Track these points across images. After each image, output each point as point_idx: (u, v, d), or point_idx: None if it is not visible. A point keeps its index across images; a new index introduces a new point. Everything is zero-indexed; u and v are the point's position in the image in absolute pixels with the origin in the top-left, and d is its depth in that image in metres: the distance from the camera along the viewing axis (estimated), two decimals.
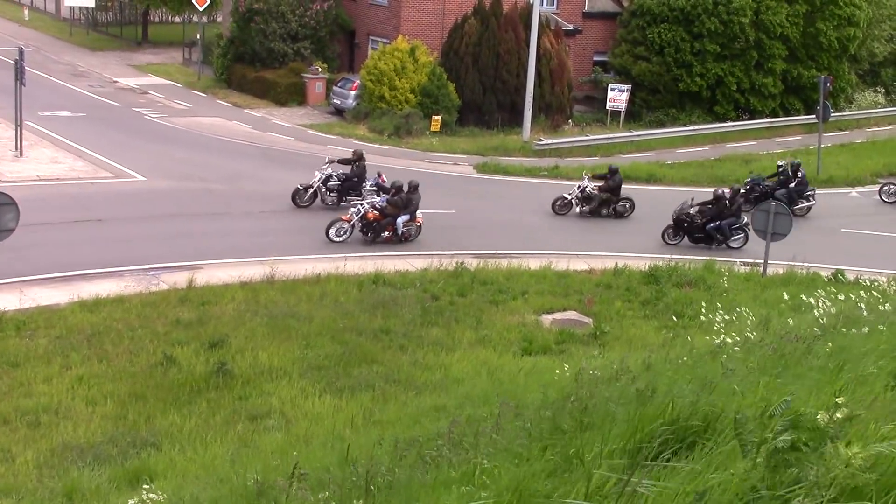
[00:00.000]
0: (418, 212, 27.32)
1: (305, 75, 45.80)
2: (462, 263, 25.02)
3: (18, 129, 32.96)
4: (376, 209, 27.04)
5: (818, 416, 3.71)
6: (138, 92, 47.08)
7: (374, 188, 29.42)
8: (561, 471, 5.07)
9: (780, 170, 33.35)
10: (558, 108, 43.97)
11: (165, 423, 15.74)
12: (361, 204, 27.33)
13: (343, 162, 29.92)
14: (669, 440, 5.05)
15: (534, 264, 25.98)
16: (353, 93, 43.56)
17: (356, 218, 26.80)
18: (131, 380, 17.41)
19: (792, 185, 32.47)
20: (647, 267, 25.67)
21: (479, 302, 22.82)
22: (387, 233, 26.96)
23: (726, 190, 29.54)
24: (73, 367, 17.88)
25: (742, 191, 30.46)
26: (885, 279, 23.53)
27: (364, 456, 8.22)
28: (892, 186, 36.00)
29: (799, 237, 25.89)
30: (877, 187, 37.02)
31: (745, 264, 26.79)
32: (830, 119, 41.51)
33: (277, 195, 30.46)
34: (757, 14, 45.56)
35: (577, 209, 30.98)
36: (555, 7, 48.09)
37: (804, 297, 17.00)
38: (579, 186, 31.21)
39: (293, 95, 45.59)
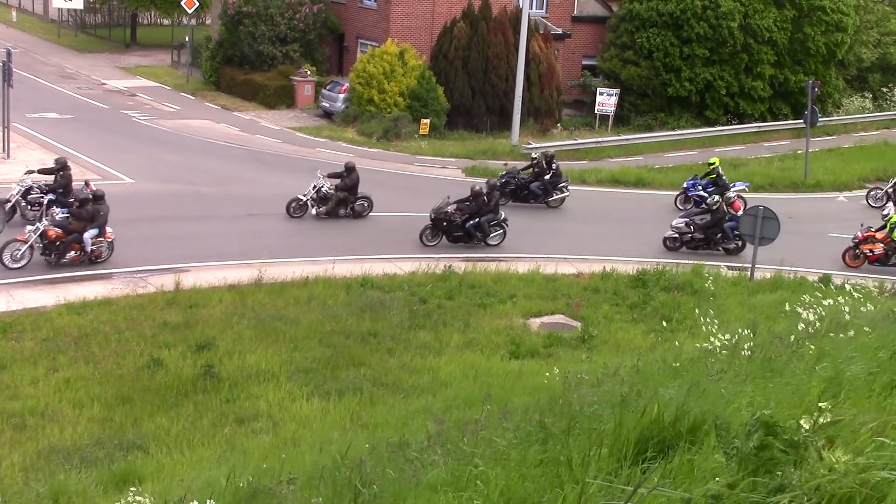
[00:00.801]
0: (108, 227, 23.91)
1: (294, 78, 45.79)
2: (450, 267, 25.03)
3: (6, 130, 32.86)
4: (57, 226, 23.23)
5: (802, 421, 3.73)
6: (126, 94, 46.99)
7: (56, 201, 25.73)
8: (549, 475, 5.08)
9: (534, 162, 33.36)
10: (547, 112, 44.04)
11: (152, 425, 15.71)
12: (42, 220, 23.61)
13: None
14: (656, 444, 5.07)
15: (522, 268, 26.01)
16: (341, 96, 43.56)
17: (35, 237, 22.92)
18: (118, 382, 17.36)
19: (547, 176, 32.37)
20: (634, 271, 25.72)
21: (467, 305, 22.83)
22: (73, 252, 23.31)
23: (483, 185, 28.63)
24: (60, 370, 17.82)
25: (498, 185, 30.33)
26: (871, 284, 23.62)
27: (353, 459, 8.22)
28: (879, 191, 36.12)
29: (785, 242, 25.94)
30: (864, 192, 37.16)
31: (732, 269, 26.87)
32: (818, 124, 41.70)
33: (265, 198, 30.43)
34: (745, 18, 45.71)
35: (314, 211, 28.91)
36: (544, 11, 48.17)
37: (791, 302, 17.02)
38: (314, 186, 29.05)
39: (282, 98, 45.57)
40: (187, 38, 51.33)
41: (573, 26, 49.12)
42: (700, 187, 32.83)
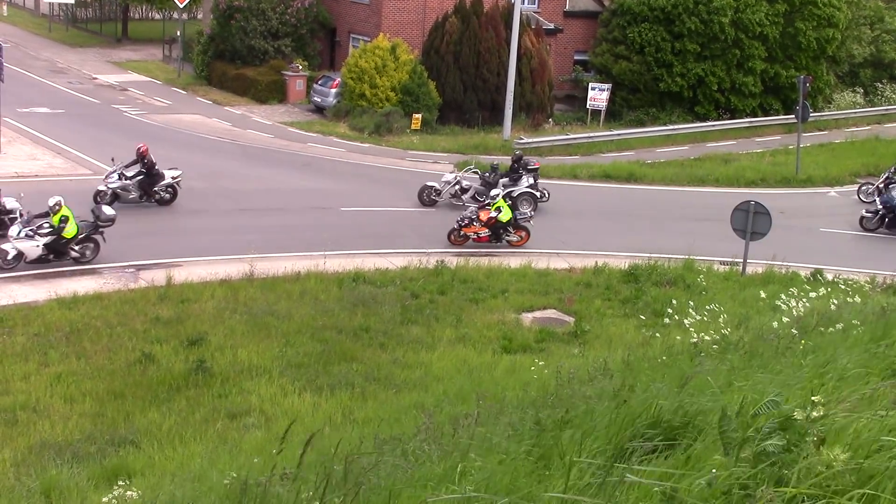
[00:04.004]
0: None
1: (286, 73, 45.71)
2: (442, 262, 25.04)
3: None
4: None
5: (795, 415, 3.73)
6: (118, 89, 46.86)
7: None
8: (542, 468, 5.08)
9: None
10: (539, 107, 44.03)
11: (144, 421, 15.69)
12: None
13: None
14: (649, 438, 5.07)
15: (514, 263, 26.02)
16: (333, 91, 43.49)
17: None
18: (110, 377, 17.34)
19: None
20: (626, 266, 25.75)
21: (459, 300, 22.84)
22: None
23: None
24: (52, 365, 17.79)
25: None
26: (862, 278, 23.68)
27: (345, 453, 8.21)
28: (870, 186, 36.20)
29: (777, 236, 25.97)
30: (855, 187, 37.25)
31: (724, 263, 26.88)
32: (809, 119, 41.74)
33: (256, 193, 30.39)
34: (736, 12, 45.73)
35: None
36: (536, 6, 48.13)
37: (782, 297, 17.07)
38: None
39: (273, 93, 45.50)
40: (178, 33, 51.19)
41: (565, 21, 49.08)
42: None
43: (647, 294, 23.63)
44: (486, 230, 27.27)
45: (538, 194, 31.06)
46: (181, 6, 51.11)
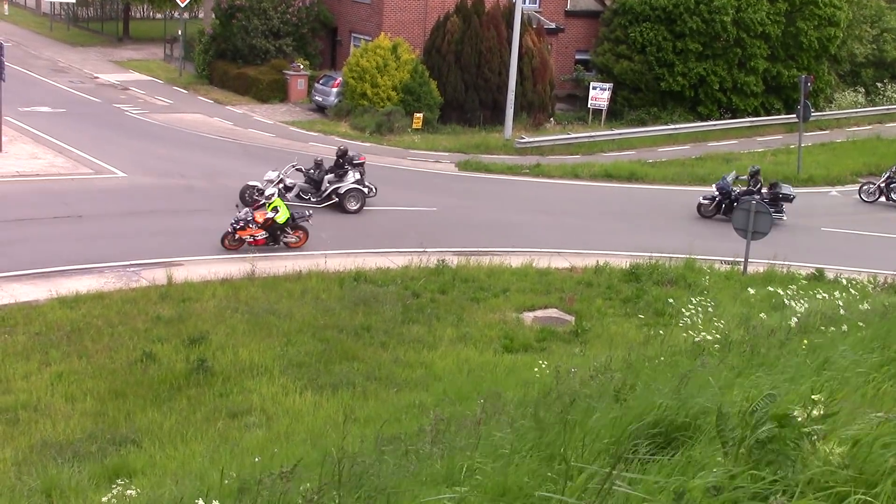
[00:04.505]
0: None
1: (287, 72, 45.72)
2: (443, 261, 25.03)
3: None
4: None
5: (795, 413, 3.73)
6: (119, 88, 46.86)
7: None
8: (545, 469, 5.08)
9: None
10: (540, 107, 44.03)
11: (145, 420, 15.68)
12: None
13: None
14: (651, 437, 5.07)
15: (515, 262, 26.01)
16: (335, 90, 43.50)
17: None
18: (111, 377, 17.33)
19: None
20: (627, 265, 25.74)
21: (461, 299, 22.82)
22: None
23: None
24: (53, 364, 17.78)
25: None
26: (864, 278, 23.67)
27: (346, 452, 8.21)
28: (871, 186, 36.21)
29: (778, 236, 25.95)
30: (856, 186, 37.24)
31: (725, 262, 26.87)
32: (811, 118, 41.73)
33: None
34: (738, 12, 45.72)
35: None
36: (537, 5, 48.14)
37: (784, 296, 17.06)
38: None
39: (275, 92, 45.51)
40: (180, 32, 51.21)
41: (566, 20, 49.08)
42: None
43: (648, 293, 23.62)
44: (263, 232, 25.54)
45: (366, 189, 29.78)
46: (182, 5, 51.12)
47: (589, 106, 45.81)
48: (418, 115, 41.33)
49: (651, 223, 30.99)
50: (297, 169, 30.08)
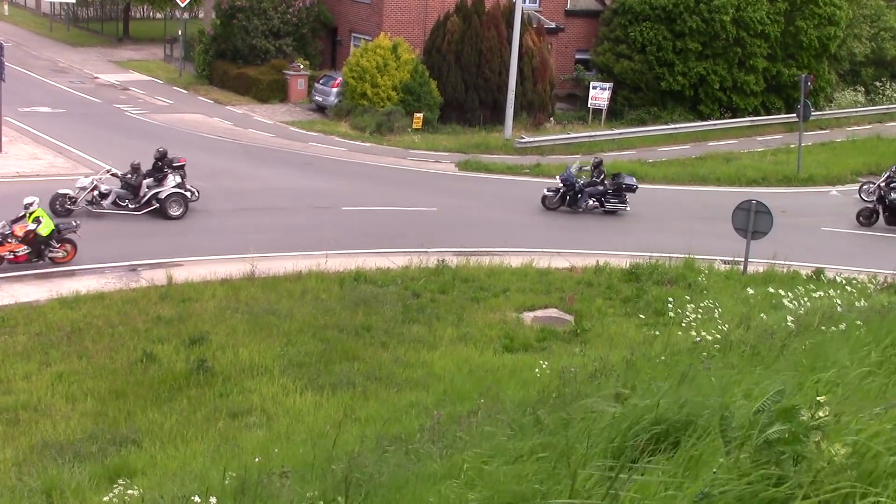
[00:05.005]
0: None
1: (287, 72, 45.71)
2: (443, 261, 25.03)
3: None
4: None
5: (801, 414, 3.72)
6: (119, 88, 46.85)
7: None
8: (546, 468, 5.07)
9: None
10: (540, 106, 44.02)
11: (146, 420, 15.68)
12: None
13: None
14: (651, 437, 5.06)
15: (515, 262, 26.01)
16: (335, 90, 43.49)
17: None
18: (111, 377, 17.33)
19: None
20: (627, 265, 25.73)
21: (461, 299, 22.82)
22: None
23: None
24: (53, 364, 17.79)
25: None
26: (864, 277, 23.67)
27: (347, 452, 8.21)
28: (871, 185, 36.17)
29: (778, 235, 25.94)
30: (857, 186, 37.23)
31: (725, 262, 26.86)
32: (811, 118, 41.74)
33: (258, 192, 30.37)
34: (738, 11, 45.71)
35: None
36: (537, 5, 48.13)
37: (784, 296, 17.05)
38: None
39: (275, 92, 45.50)
40: (180, 32, 51.19)
41: (566, 20, 49.07)
42: None
43: (648, 293, 23.61)
44: (24, 247, 22.72)
45: (188, 194, 28.10)
46: (182, 5, 51.09)
47: (589, 105, 45.80)
48: (418, 114, 41.32)
49: (651, 223, 30.98)
50: (112, 174, 27.94)
